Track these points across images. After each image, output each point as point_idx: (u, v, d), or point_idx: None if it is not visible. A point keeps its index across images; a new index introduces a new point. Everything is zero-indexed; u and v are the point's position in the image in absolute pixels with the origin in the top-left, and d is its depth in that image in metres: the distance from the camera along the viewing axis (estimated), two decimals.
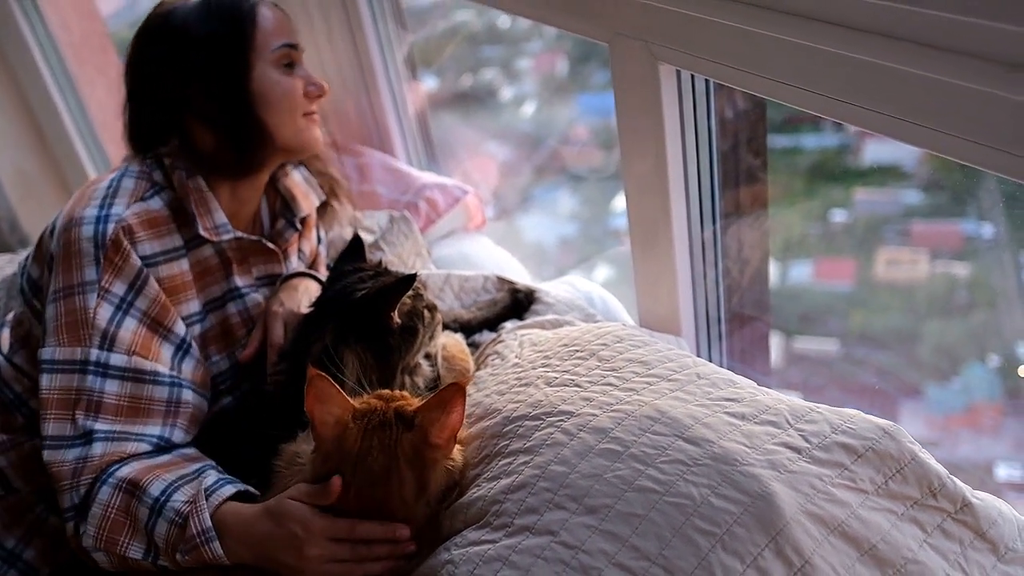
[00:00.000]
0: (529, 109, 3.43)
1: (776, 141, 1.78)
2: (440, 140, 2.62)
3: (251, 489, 1.32)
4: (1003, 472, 1.90)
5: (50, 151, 2.89)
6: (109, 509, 1.30)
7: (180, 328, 1.46)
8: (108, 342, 1.37)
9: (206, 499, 1.26)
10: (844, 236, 2.34)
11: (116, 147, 2.91)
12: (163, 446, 1.39)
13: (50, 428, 1.35)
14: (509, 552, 1.06)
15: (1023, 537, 1.04)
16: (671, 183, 1.47)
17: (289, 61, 1.53)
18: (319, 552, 1.19)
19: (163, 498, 1.28)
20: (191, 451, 1.42)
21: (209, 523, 1.24)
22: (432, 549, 1.17)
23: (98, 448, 1.33)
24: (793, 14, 1.08)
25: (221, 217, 1.52)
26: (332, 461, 1.18)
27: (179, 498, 1.28)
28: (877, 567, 0.98)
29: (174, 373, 1.43)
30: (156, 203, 1.47)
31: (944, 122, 0.97)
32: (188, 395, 1.43)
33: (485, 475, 1.19)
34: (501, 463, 1.18)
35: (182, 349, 1.46)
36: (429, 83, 2.95)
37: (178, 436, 1.42)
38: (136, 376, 1.38)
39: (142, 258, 1.42)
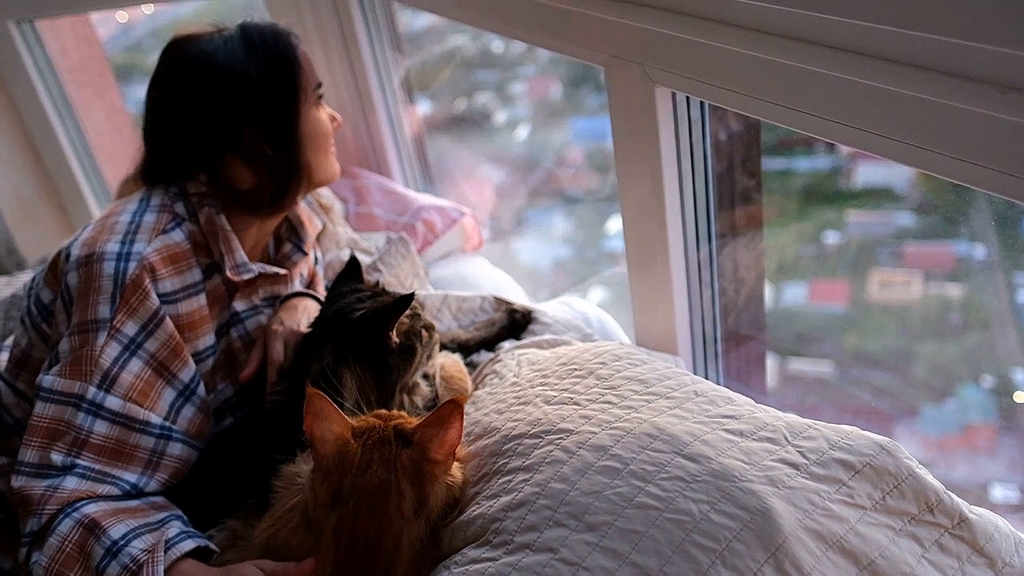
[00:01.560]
0: (523, 133, 3.45)
1: (769, 164, 1.79)
2: (434, 163, 2.64)
3: (211, 545, 1.32)
4: (999, 493, 1.90)
5: (47, 174, 2.90)
6: (66, 542, 1.28)
7: (187, 374, 1.45)
8: (108, 383, 1.37)
9: (164, 551, 1.25)
10: (837, 258, 2.35)
11: (113, 171, 2.92)
12: (133, 493, 1.38)
13: (29, 455, 1.34)
14: (509, 570, 1.06)
15: (1020, 552, 1.05)
16: (667, 204, 1.48)
17: (319, 97, 1.56)
18: None
19: (122, 542, 1.27)
20: (159, 499, 1.41)
21: (162, 574, 1.23)
22: (432, 567, 1.17)
23: (71, 482, 1.32)
24: (788, 37, 1.10)
25: (242, 256, 1.53)
26: (333, 477, 1.18)
27: (138, 545, 1.27)
28: None
29: (167, 423, 1.42)
30: (177, 235, 1.47)
31: (938, 142, 0.98)
32: (176, 448, 1.43)
33: (484, 493, 1.19)
34: (500, 481, 1.18)
35: (184, 395, 1.45)
36: (423, 107, 2.97)
37: (152, 486, 1.41)
38: (127, 422, 1.38)
39: (163, 295, 1.42)
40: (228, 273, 1.50)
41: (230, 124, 1.48)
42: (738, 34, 1.17)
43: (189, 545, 1.28)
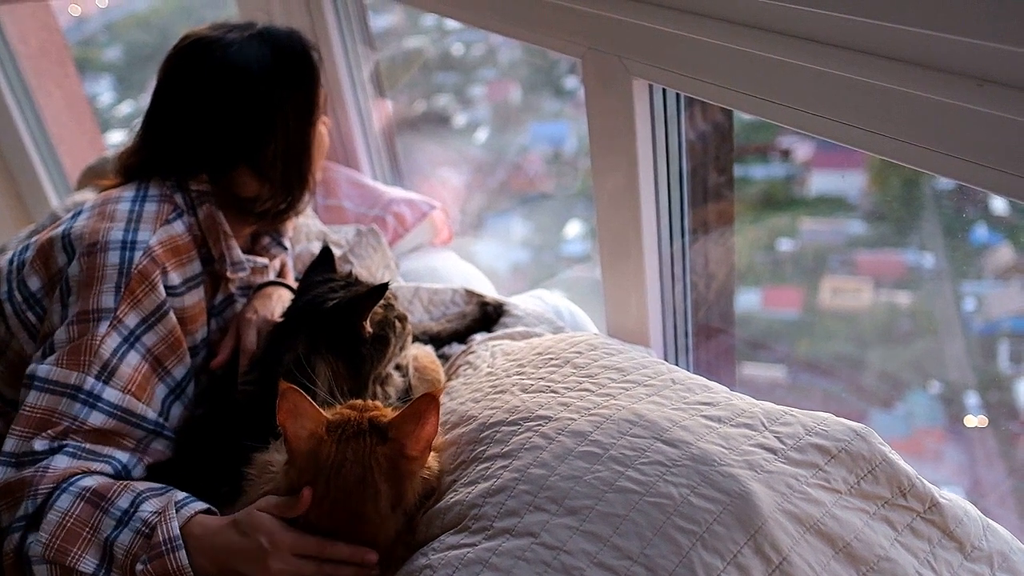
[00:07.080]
0: (482, 135, 3.46)
1: None
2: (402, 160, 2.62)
3: (214, 510, 1.29)
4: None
5: (6, 164, 2.83)
6: (67, 517, 1.23)
7: (181, 371, 1.43)
8: (107, 374, 1.33)
9: (176, 510, 1.22)
10: (791, 265, 2.39)
11: (72, 161, 2.87)
12: (123, 475, 1.34)
13: (11, 445, 1.29)
14: (489, 555, 1.06)
15: (988, 536, 1.08)
16: (642, 197, 1.49)
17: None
18: (283, 567, 1.16)
19: (132, 509, 1.24)
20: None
21: (177, 532, 1.20)
22: (409, 554, 1.17)
23: (62, 460, 1.27)
24: (766, 29, 1.12)
25: (238, 254, 1.52)
26: (307, 474, 1.17)
27: (147, 508, 1.24)
28: (851, 564, 1.01)
29: (160, 419, 1.39)
30: (179, 227, 1.45)
31: (915, 135, 1.00)
32: (162, 444, 1.40)
33: (462, 480, 1.19)
34: (479, 468, 1.19)
35: (175, 393, 1.43)
36: None
37: (138, 471, 1.37)
38: (124, 416, 1.34)
39: (169, 288, 1.40)
40: (228, 273, 1.50)
41: (255, 139, 1.48)
42: (716, 26, 1.18)
43: (200, 506, 1.25)
